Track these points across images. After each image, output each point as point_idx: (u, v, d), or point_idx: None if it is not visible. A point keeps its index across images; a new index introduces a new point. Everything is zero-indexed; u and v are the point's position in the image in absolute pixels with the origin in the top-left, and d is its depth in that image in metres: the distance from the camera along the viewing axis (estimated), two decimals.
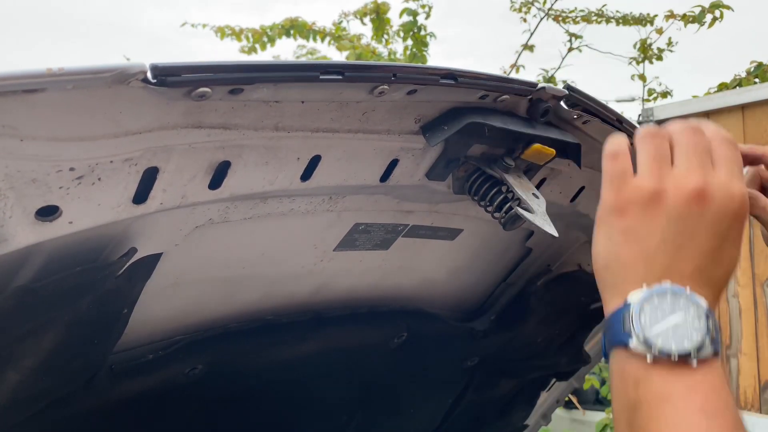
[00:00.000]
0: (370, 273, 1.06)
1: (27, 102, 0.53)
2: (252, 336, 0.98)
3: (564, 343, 1.34)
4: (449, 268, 1.18)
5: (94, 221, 0.64)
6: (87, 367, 0.80)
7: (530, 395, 1.48)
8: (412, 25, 4.65)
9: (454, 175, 0.89)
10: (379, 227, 0.96)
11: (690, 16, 4.18)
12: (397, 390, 1.26)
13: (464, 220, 1.05)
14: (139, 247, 0.74)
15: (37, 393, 0.76)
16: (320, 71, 0.65)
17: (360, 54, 4.62)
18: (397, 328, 1.13)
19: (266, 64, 0.63)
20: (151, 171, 0.65)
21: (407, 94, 0.73)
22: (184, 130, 0.64)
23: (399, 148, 0.81)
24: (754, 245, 3.49)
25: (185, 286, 0.88)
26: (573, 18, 4.80)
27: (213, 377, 0.95)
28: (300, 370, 1.05)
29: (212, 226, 0.79)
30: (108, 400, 0.87)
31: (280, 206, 0.82)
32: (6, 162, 0.56)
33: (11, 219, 0.59)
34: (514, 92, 0.81)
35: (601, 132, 0.95)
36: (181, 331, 0.94)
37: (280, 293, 0.99)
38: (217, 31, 4.86)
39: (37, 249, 0.64)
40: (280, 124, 0.69)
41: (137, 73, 0.55)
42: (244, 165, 0.70)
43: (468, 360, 1.29)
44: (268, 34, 4.78)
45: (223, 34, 4.83)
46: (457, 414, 1.38)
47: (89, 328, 0.74)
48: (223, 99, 0.63)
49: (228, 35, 4.84)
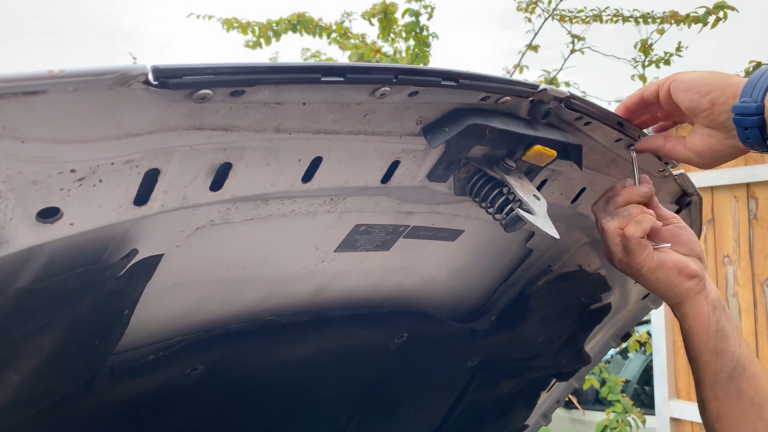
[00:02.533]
0: (370, 274, 1.06)
1: (28, 104, 0.53)
2: (253, 337, 0.98)
3: (564, 343, 1.35)
4: (450, 268, 1.18)
5: (95, 223, 0.64)
6: (87, 367, 0.80)
7: (530, 395, 1.48)
8: (414, 25, 4.66)
9: (455, 177, 0.89)
10: (380, 228, 0.96)
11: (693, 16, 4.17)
12: (397, 390, 1.26)
13: (465, 221, 1.05)
14: (140, 249, 0.74)
15: (37, 394, 0.76)
16: (321, 73, 0.65)
17: (363, 54, 4.62)
18: (398, 328, 1.13)
19: (268, 66, 0.63)
20: (152, 172, 0.65)
21: (409, 96, 0.73)
22: (186, 131, 0.64)
23: (400, 150, 0.81)
24: (754, 245, 3.49)
25: (186, 287, 0.88)
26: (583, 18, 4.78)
27: (213, 378, 0.95)
28: (300, 370, 1.05)
29: (213, 227, 0.79)
30: (108, 401, 0.87)
31: (281, 207, 0.82)
32: (7, 164, 0.56)
33: (12, 221, 0.59)
34: (515, 94, 0.81)
35: (602, 133, 0.95)
36: (182, 332, 0.94)
37: (280, 294, 0.99)
38: (224, 23, 4.85)
39: (38, 250, 0.64)
40: (282, 125, 0.69)
41: (138, 75, 0.55)
42: (245, 166, 0.70)
43: (468, 360, 1.29)
44: (273, 28, 4.77)
45: (230, 26, 4.82)
46: (457, 414, 1.38)
47: (90, 329, 0.74)
48: (224, 101, 0.63)
49: (235, 28, 4.83)
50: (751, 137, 0.84)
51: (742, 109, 0.83)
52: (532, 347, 1.30)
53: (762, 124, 0.82)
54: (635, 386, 5.33)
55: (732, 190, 3.56)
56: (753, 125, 0.83)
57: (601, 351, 1.54)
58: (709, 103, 0.87)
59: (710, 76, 0.87)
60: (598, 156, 1.01)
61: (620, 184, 0.99)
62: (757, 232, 3.48)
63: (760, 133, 0.83)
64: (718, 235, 3.61)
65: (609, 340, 1.52)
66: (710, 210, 3.64)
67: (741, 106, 0.83)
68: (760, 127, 0.82)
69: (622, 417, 4.06)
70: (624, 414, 4.07)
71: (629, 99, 0.98)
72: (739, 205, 3.54)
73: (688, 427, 3.73)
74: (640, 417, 4.08)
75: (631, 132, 0.97)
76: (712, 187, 3.59)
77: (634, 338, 4.40)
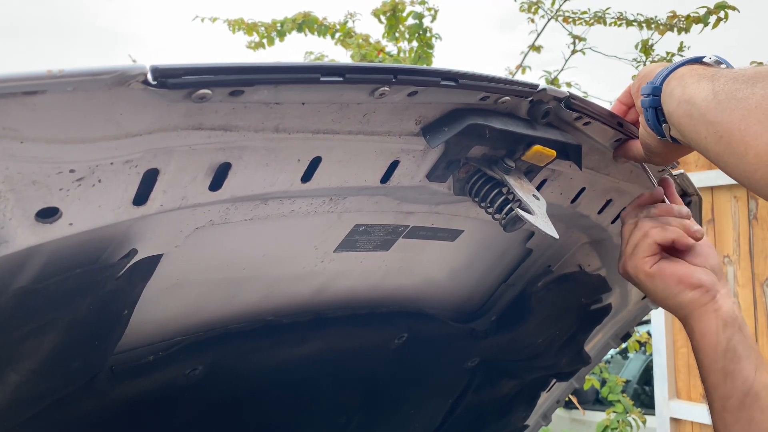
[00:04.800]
0: (370, 274, 1.06)
1: (27, 104, 0.53)
2: (252, 337, 0.98)
3: (564, 343, 1.34)
4: (450, 268, 1.18)
5: (94, 223, 0.64)
6: (87, 368, 0.80)
7: (530, 396, 1.48)
8: (418, 27, 4.66)
9: (454, 177, 0.89)
10: (380, 228, 0.96)
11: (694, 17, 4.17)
12: (397, 390, 1.26)
13: (465, 221, 1.05)
14: (140, 249, 0.74)
15: (37, 394, 0.76)
16: (321, 73, 0.65)
17: (365, 54, 4.62)
18: (398, 328, 1.13)
19: (267, 65, 0.63)
20: (151, 172, 0.65)
21: (408, 96, 0.73)
22: (185, 131, 0.64)
23: (400, 150, 0.81)
24: (754, 245, 3.49)
25: (186, 287, 0.88)
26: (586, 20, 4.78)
27: (213, 378, 0.95)
28: (300, 370, 1.05)
29: (213, 227, 0.79)
30: (108, 401, 0.87)
31: (280, 207, 0.82)
32: (6, 164, 0.56)
33: (11, 221, 0.59)
34: (514, 94, 0.81)
35: (602, 133, 0.95)
36: (182, 332, 0.94)
37: (280, 294, 0.99)
38: (230, 24, 4.85)
39: (38, 250, 0.64)
40: (281, 125, 0.69)
41: (137, 75, 0.55)
42: (244, 166, 0.70)
43: (468, 361, 1.29)
44: (278, 29, 4.77)
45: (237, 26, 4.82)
46: (457, 414, 1.38)
47: (89, 330, 0.74)
48: (223, 101, 0.63)
49: (241, 29, 4.83)
50: (649, 118, 0.82)
51: (645, 90, 0.82)
52: (533, 347, 1.30)
53: (657, 105, 0.80)
54: (635, 386, 5.33)
55: (732, 190, 3.55)
56: (648, 105, 0.81)
57: (601, 351, 1.54)
58: (637, 90, 0.87)
59: (654, 65, 0.86)
60: (598, 156, 1.01)
61: (650, 192, 0.98)
62: (757, 232, 3.48)
63: (656, 114, 0.81)
64: (718, 235, 3.61)
65: (609, 340, 1.52)
66: (710, 210, 3.64)
67: (645, 87, 0.82)
68: (655, 108, 0.81)
69: (623, 417, 4.06)
70: (624, 414, 4.07)
71: (621, 94, 0.98)
72: (739, 205, 3.54)
73: (688, 427, 3.73)
74: (640, 417, 4.08)
75: (631, 132, 0.97)
76: (712, 187, 3.59)
77: (634, 338, 4.40)
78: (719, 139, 0.69)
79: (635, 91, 0.88)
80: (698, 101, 0.72)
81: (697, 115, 0.72)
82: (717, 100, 0.70)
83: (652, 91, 0.81)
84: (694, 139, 0.75)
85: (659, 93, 0.80)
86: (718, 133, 0.69)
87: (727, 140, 0.68)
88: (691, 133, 0.74)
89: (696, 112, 0.73)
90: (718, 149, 0.70)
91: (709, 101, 0.71)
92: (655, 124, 0.82)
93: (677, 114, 0.76)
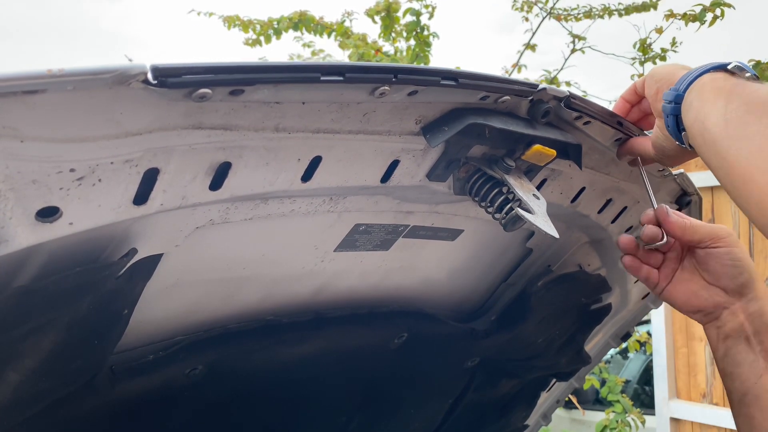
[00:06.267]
0: (370, 273, 1.06)
1: (27, 103, 0.53)
2: (252, 336, 0.98)
3: (564, 343, 1.35)
4: (450, 268, 1.18)
5: (94, 222, 0.64)
6: (87, 367, 0.80)
7: (530, 395, 1.48)
8: (415, 25, 4.66)
9: (454, 176, 0.89)
10: (380, 228, 0.96)
11: (690, 14, 4.17)
12: (397, 390, 1.26)
13: (465, 220, 1.05)
14: (140, 248, 0.74)
15: (37, 393, 0.76)
16: (321, 72, 0.65)
17: (363, 54, 4.62)
18: (398, 328, 1.13)
19: (267, 65, 0.63)
20: (151, 172, 0.65)
21: (408, 95, 0.73)
22: (185, 131, 0.64)
23: (400, 149, 0.81)
24: (754, 245, 3.49)
25: (186, 286, 0.88)
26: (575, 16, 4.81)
27: (213, 377, 0.95)
28: (300, 370, 1.05)
29: (213, 226, 0.79)
30: (108, 401, 0.87)
31: (280, 207, 0.82)
32: (6, 163, 0.56)
33: (11, 220, 0.59)
34: (514, 93, 0.81)
35: (602, 133, 0.95)
36: (182, 332, 0.94)
37: (280, 294, 0.99)
38: (225, 20, 4.84)
39: (38, 250, 0.64)
40: (281, 125, 0.69)
41: (138, 74, 0.55)
42: (244, 166, 0.70)
43: (468, 360, 1.29)
44: (274, 27, 4.77)
45: (232, 23, 4.81)
46: (457, 414, 1.38)
47: (90, 329, 0.74)
48: (223, 100, 0.63)
49: (236, 25, 4.82)
50: (670, 125, 0.83)
51: (667, 96, 0.83)
52: (532, 347, 1.30)
53: (679, 114, 0.81)
54: (635, 386, 5.33)
55: None
56: (670, 113, 0.82)
57: (601, 351, 1.54)
58: (656, 92, 0.87)
59: (673, 67, 0.86)
60: (598, 155, 1.01)
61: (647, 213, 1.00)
62: (757, 232, 3.47)
63: (676, 122, 0.82)
64: None
65: (609, 340, 1.52)
66: (710, 210, 3.64)
67: (668, 93, 0.83)
68: (676, 115, 0.82)
69: (622, 417, 4.06)
70: (624, 414, 4.07)
71: (625, 92, 0.99)
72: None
73: (688, 427, 3.73)
74: (639, 417, 4.08)
75: (631, 131, 0.97)
76: (712, 187, 3.59)
77: (634, 338, 4.40)
78: (726, 175, 0.73)
79: (653, 94, 0.88)
80: (710, 126, 0.75)
81: (709, 140, 0.75)
82: (727, 132, 0.72)
83: (674, 98, 0.81)
84: (706, 161, 0.78)
85: (681, 101, 0.81)
86: (725, 169, 0.73)
87: (732, 179, 0.72)
88: (703, 154, 0.78)
89: (708, 137, 0.75)
90: (725, 182, 0.74)
91: (720, 129, 0.73)
92: (675, 131, 0.83)
93: (692, 131, 0.79)
